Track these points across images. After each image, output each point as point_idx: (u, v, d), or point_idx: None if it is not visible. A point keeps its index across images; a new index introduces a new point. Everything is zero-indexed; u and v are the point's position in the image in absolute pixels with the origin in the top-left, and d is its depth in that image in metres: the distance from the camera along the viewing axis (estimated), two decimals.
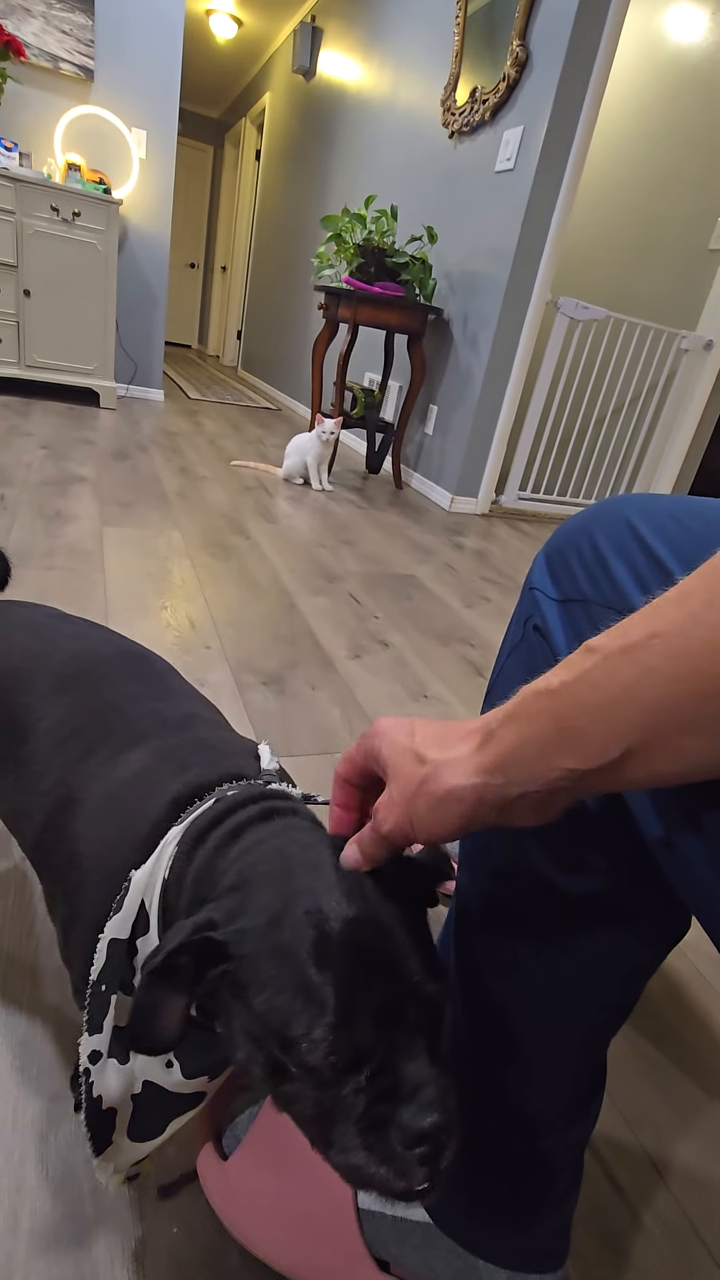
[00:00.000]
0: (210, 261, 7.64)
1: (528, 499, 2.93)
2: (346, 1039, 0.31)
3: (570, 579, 0.38)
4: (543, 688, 0.25)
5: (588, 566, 0.37)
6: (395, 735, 0.32)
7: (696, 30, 2.76)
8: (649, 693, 0.23)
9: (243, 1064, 0.34)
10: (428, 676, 1.34)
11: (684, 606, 0.23)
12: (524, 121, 2.29)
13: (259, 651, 1.30)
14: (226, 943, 0.33)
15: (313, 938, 0.32)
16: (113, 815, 0.46)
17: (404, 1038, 0.32)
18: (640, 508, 0.36)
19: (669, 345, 2.80)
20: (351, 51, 3.75)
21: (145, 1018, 0.35)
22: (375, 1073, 0.31)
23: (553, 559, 0.40)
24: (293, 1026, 0.31)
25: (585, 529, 0.38)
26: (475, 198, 2.58)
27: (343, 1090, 0.31)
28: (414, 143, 3.02)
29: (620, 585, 0.34)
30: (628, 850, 0.35)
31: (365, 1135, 0.31)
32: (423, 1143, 0.31)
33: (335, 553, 1.95)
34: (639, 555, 0.34)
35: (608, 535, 0.36)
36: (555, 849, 0.39)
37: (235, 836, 0.40)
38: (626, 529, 0.35)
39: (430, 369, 2.87)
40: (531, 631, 0.41)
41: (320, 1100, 0.32)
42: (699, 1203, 0.56)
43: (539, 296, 2.44)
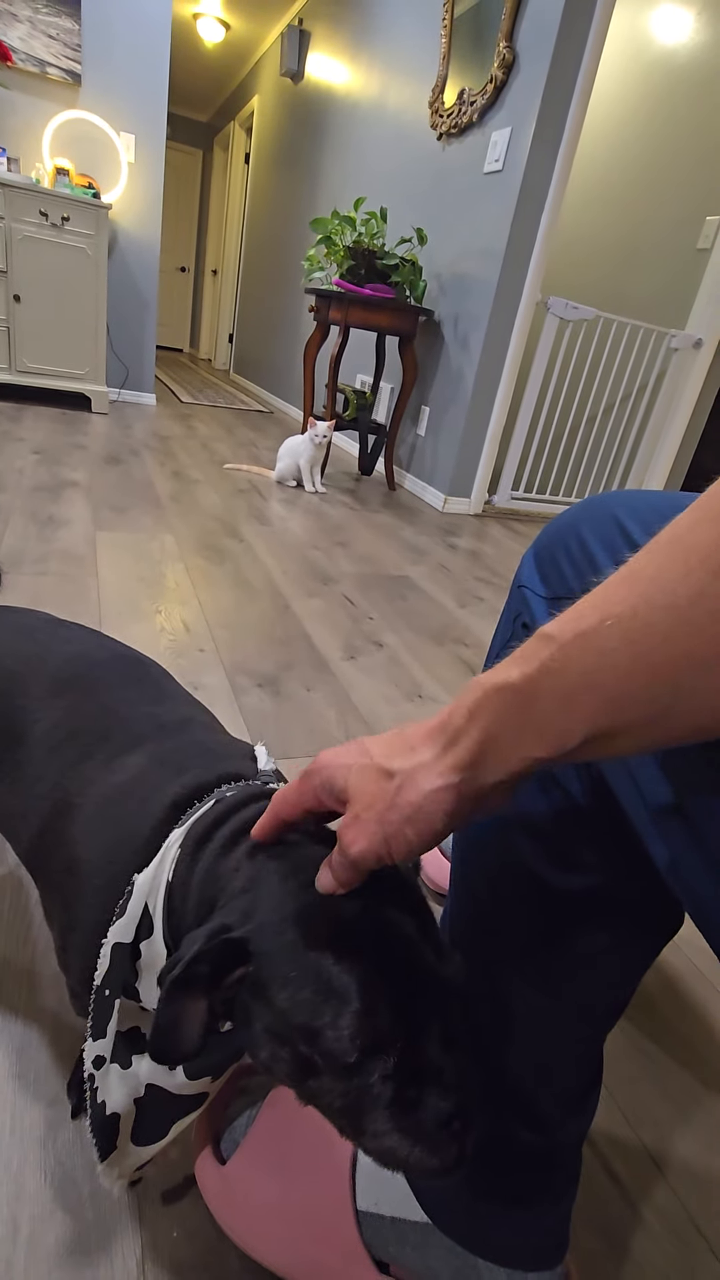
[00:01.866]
0: (201, 265, 7.64)
1: (520, 499, 2.94)
2: (372, 1027, 0.31)
3: (559, 576, 0.38)
4: (502, 681, 0.25)
5: (576, 564, 0.37)
6: (347, 759, 0.31)
7: (682, 32, 2.78)
8: (607, 678, 0.22)
9: (267, 1063, 0.35)
10: (422, 676, 1.34)
11: (634, 587, 0.22)
12: (512, 123, 2.30)
13: (254, 654, 1.30)
14: (246, 941, 0.33)
15: (329, 930, 0.33)
16: (111, 819, 0.46)
17: (423, 1022, 0.33)
18: (627, 504, 0.36)
19: (659, 344, 2.81)
20: (339, 54, 3.76)
21: (169, 1030, 0.35)
22: (400, 1058, 0.32)
23: (541, 557, 0.40)
24: (318, 1020, 0.31)
25: (573, 526, 0.38)
26: (464, 199, 2.58)
27: (370, 1079, 0.32)
28: (403, 144, 3.03)
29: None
30: (619, 844, 0.36)
31: (397, 1119, 0.32)
32: (451, 1122, 0.32)
33: (329, 554, 1.95)
34: (626, 552, 0.34)
35: (595, 532, 0.36)
36: (548, 846, 0.39)
37: (237, 838, 0.40)
38: (614, 526, 0.35)
39: (422, 370, 2.88)
40: (521, 629, 0.42)
41: (348, 1090, 0.32)
42: (698, 1196, 0.56)
43: (529, 297, 2.45)
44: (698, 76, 2.73)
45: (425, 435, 2.91)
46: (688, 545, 0.21)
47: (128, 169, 3.30)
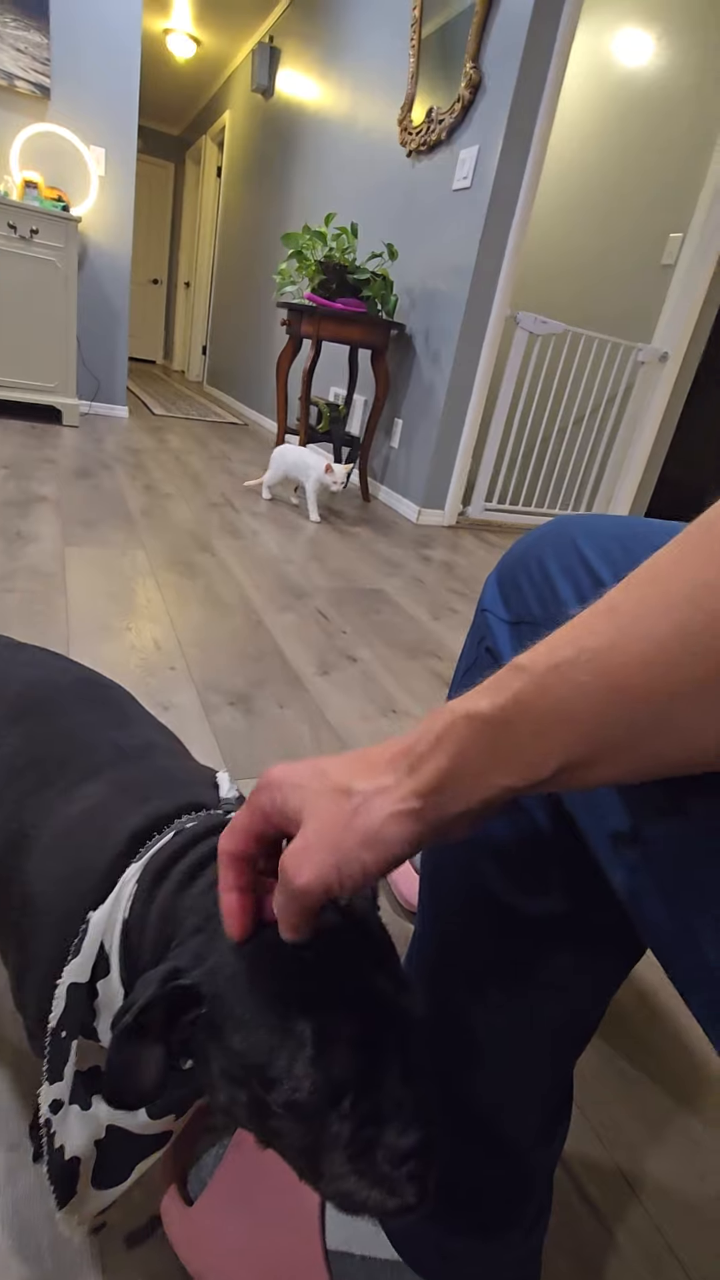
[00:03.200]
0: (174, 277, 7.63)
1: (494, 510, 2.96)
2: (327, 1068, 0.30)
3: (520, 600, 0.38)
4: (472, 710, 0.25)
5: (537, 588, 0.37)
6: (301, 779, 0.29)
7: (644, 55, 2.85)
8: (581, 710, 0.22)
9: (224, 1106, 0.34)
10: (396, 691, 1.34)
11: (612, 620, 0.22)
12: (479, 141, 2.34)
13: (226, 671, 1.28)
14: (198, 985, 0.32)
15: (284, 967, 0.32)
16: (67, 853, 0.45)
17: (382, 1056, 0.32)
18: (587, 529, 0.36)
19: (626, 358, 2.86)
20: (309, 71, 3.80)
21: (121, 1077, 0.34)
22: (358, 1097, 0.31)
23: (504, 580, 0.40)
24: (272, 1063, 0.31)
25: (534, 550, 0.38)
26: (434, 215, 2.62)
27: (328, 1119, 0.31)
28: (373, 161, 3.07)
29: (566, 607, 0.34)
30: (584, 868, 0.36)
31: (354, 1162, 0.31)
32: (410, 1160, 0.31)
33: (303, 568, 1.94)
34: (584, 578, 0.34)
35: (555, 557, 0.36)
36: (512, 870, 0.39)
37: (196, 872, 0.39)
38: (573, 551, 0.35)
39: (394, 383, 2.90)
40: (485, 653, 0.41)
41: (306, 1132, 0.31)
42: (672, 1218, 0.56)
43: (499, 311, 2.48)
44: (659, 98, 2.80)
45: (399, 447, 2.92)
46: (667, 580, 0.21)
47: (98, 182, 3.29)
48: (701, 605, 0.20)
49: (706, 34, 2.61)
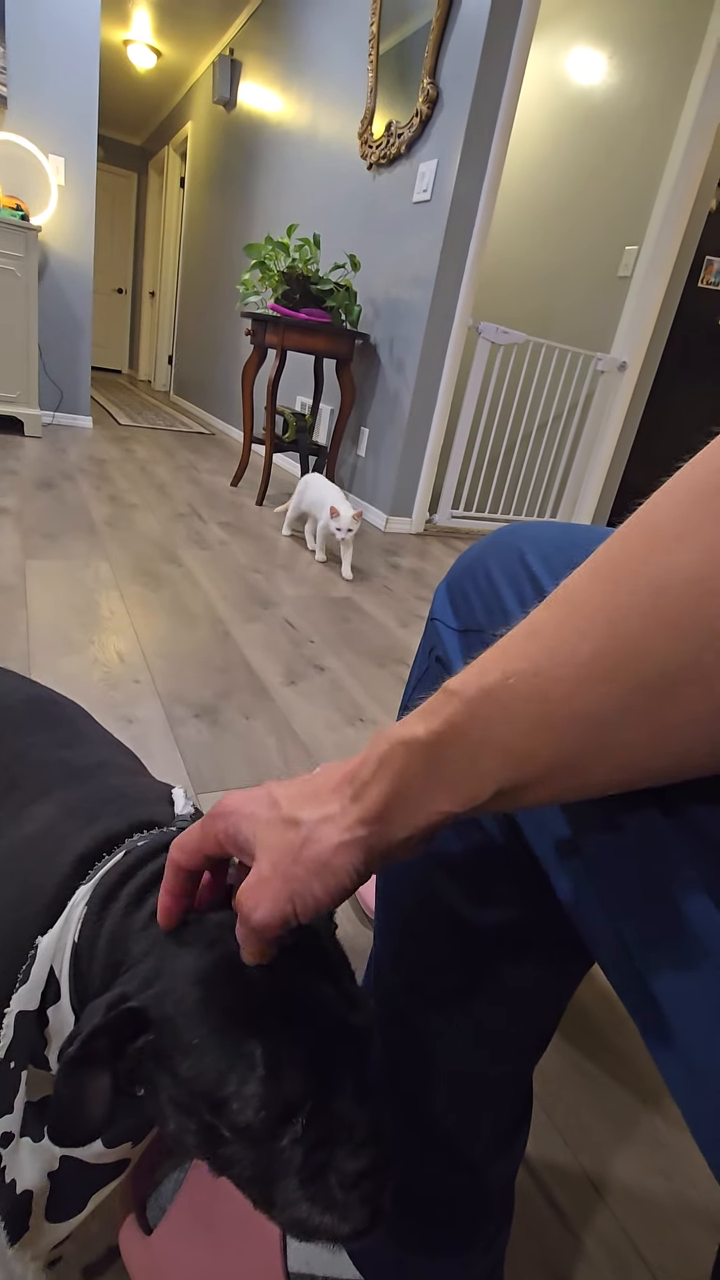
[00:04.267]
0: (138, 287, 7.59)
1: (461, 517, 2.99)
2: (278, 1093, 0.30)
3: (468, 609, 0.38)
4: (409, 736, 0.25)
5: (483, 597, 0.37)
6: (254, 809, 0.29)
7: (596, 74, 2.93)
8: (510, 735, 0.22)
9: (174, 1135, 0.33)
10: (364, 699, 1.34)
11: (536, 643, 0.22)
12: (438, 155, 2.37)
13: (192, 683, 1.27)
14: (145, 1011, 0.32)
15: (233, 990, 0.31)
16: (15, 876, 0.44)
17: (334, 1076, 0.32)
18: (531, 537, 0.37)
19: (586, 367, 2.92)
20: (271, 84, 3.82)
21: (68, 1110, 0.33)
22: (309, 1119, 0.31)
23: (453, 589, 0.40)
24: (222, 1088, 0.30)
25: (481, 559, 0.38)
26: (395, 227, 2.64)
27: (279, 1144, 0.30)
28: (335, 173, 3.09)
29: (510, 615, 0.34)
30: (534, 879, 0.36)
31: (306, 1187, 0.30)
32: (362, 1182, 0.31)
33: (270, 578, 1.94)
34: (527, 585, 0.34)
35: (500, 565, 0.37)
36: (465, 883, 0.39)
37: (146, 892, 0.39)
38: (517, 559, 0.36)
39: (360, 392, 2.92)
40: (435, 662, 0.42)
41: (258, 1159, 0.31)
42: (638, 1219, 0.56)
43: (461, 321, 2.51)
44: (611, 115, 2.87)
45: (365, 456, 2.93)
46: (582, 604, 0.21)
47: (58, 191, 3.26)
48: (616, 631, 0.20)
49: (655, 54, 2.69)
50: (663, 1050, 0.25)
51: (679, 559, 0.19)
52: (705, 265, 2.94)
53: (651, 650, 0.19)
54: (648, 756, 0.21)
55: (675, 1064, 0.25)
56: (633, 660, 0.19)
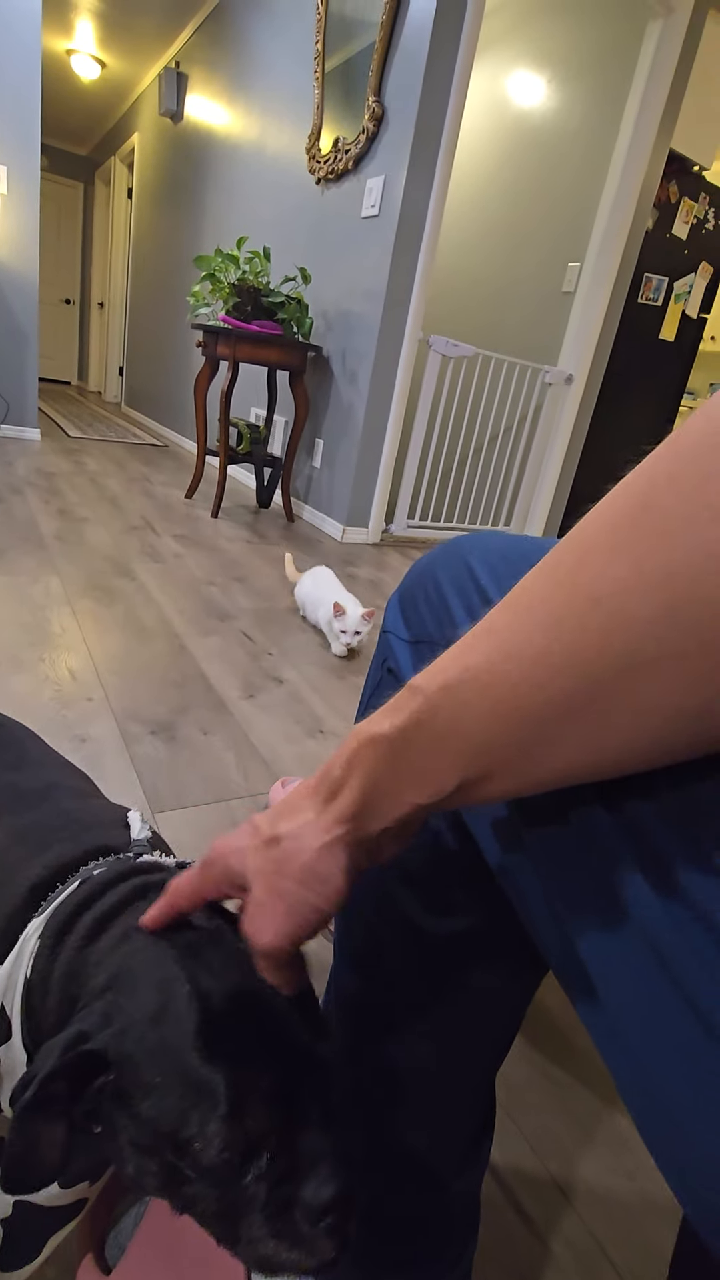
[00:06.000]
0: (87, 297, 7.48)
1: (417, 526, 3.02)
2: (242, 1130, 0.29)
3: (419, 620, 0.39)
4: (376, 732, 0.25)
5: (433, 608, 0.38)
6: (240, 842, 0.30)
7: (536, 96, 3.02)
8: (469, 728, 0.23)
9: (135, 1176, 0.32)
10: (323, 711, 1.33)
11: (489, 640, 0.23)
12: (385, 171, 2.41)
13: (147, 699, 1.25)
14: (104, 1051, 0.31)
15: (195, 1025, 0.30)
16: None
17: (299, 1109, 0.31)
18: (478, 549, 0.37)
19: (534, 379, 2.99)
20: (218, 97, 3.82)
21: (21, 1158, 0.31)
22: (274, 1154, 0.30)
23: (404, 601, 0.41)
24: (185, 1127, 0.29)
25: (430, 571, 0.39)
26: (345, 241, 2.67)
27: (244, 1181, 0.30)
28: (284, 187, 3.11)
29: (459, 626, 0.35)
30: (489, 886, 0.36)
31: (272, 1223, 0.30)
32: (328, 1215, 0.30)
33: (226, 590, 1.92)
34: (474, 596, 0.35)
35: (449, 576, 0.37)
36: (422, 892, 0.39)
37: (105, 924, 0.37)
38: (465, 570, 0.36)
39: (313, 404, 2.92)
40: (387, 674, 0.42)
41: (222, 1196, 0.30)
42: (604, 1220, 0.57)
43: (411, 335, 2.54)
44: (552, 137, 2.97)
45: (321, 467, 2.94)
46: (532, 606, 0.22)
47: (0, 201, 3.19)
48: (561, 634, 0.21)
49: (591, 81, 2.80)
50: (588, 1010, 0.27)
51: (611, 571, 0.20)
52: (644, 282, 3.05)
53: (590, 650, 0.20)
54: (595, 749, 0.22)
55: (600, 1023, 0.26)
56: (574, 659, 0.20)
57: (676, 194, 2.98)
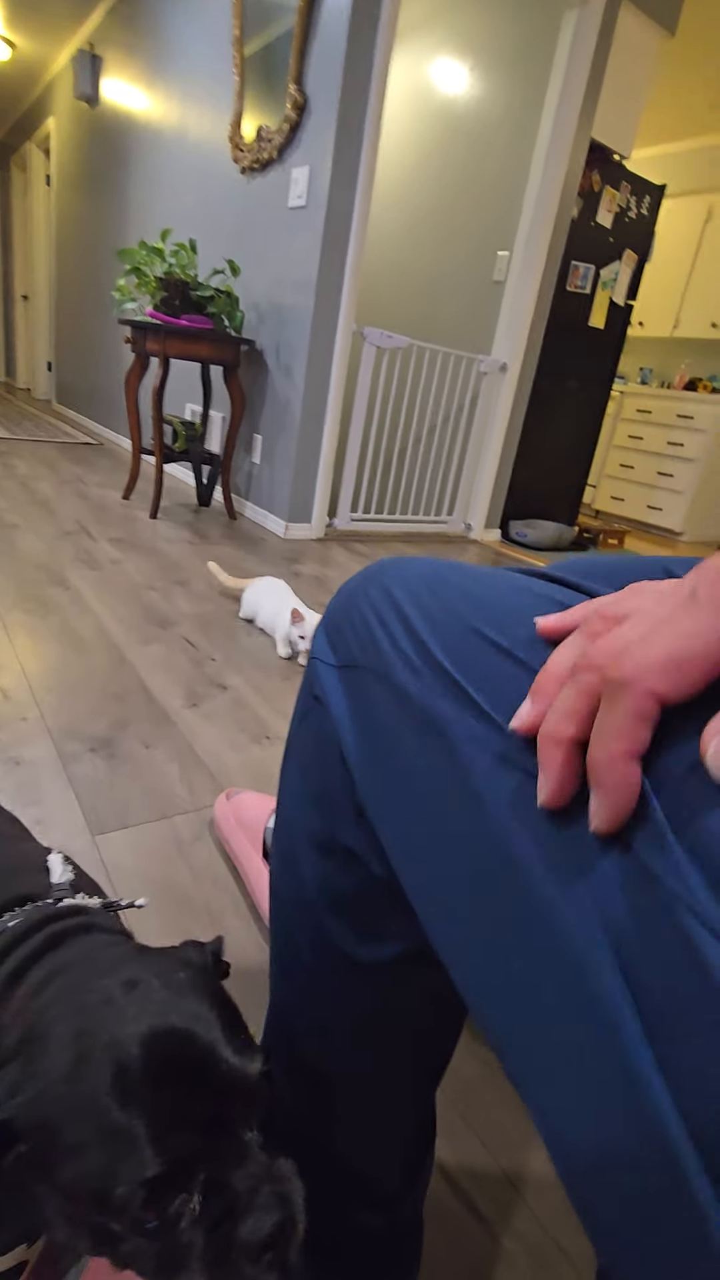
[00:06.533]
0: (9, 289, 7.17)
1: (360, 520, 3.01)
2: (168, 1177, 0.28)
3: (345, 645, 0.38)
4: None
5: (357, 632, 0.37)
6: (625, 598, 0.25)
7: (459, 84, 3.02)
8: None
9: (66, 1242, 0.31)
10: (269, 715, 1.32)
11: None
12: (310, 161, 2.37)
13: (85, 715, 1.21)
14: (13, 1121, 0.29)
15: (110, 1078, 0.29)
16: None
17: (230, 1141, 0.30)
18: (400, 575, 0.37)
19: (469, 369, 3.01)
20: (135, 81, 3.70)
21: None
22: (206, 1196, 0.29)
23: (330, 628, 0.40)
24: (108, 1186, 0.28)
25: (354, 596, 0.39)
26: (273, 233, 2.62)
27: (178, 1230, 0.29)
28: (208, 177, 3.03)
29: (382, 651, 0.35)
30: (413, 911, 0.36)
31: (211, 1271, 0.29)
32: (268, 1249, 0.29)
33: (167, 595, 1.88)
34: (396, 623, 0.35)
35: (370, 604, 0.37)
36: (353, 921, 0.39)
37: (18, 978, 0.36)
38: (386, 596, 0.36)
39: (250, 399, 2.88)
40: (314, 701, 0.41)
41: (160, 1250, 0.29)
42: (554, 1212, 0.58)
43: (345, 327, 2.52)
44: (477, 125, 2.98)
45: (260, 463, 2.90)
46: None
47: None
48: None
49: (511, 69, 2.81)
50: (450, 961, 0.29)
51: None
52: (572, 270, 3.10)
53: None
54: None
55: (459, 975, 0.29)
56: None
57: (599, 183, 3.03)
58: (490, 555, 3.08)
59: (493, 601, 0.32)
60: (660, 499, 4.58)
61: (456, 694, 0.29)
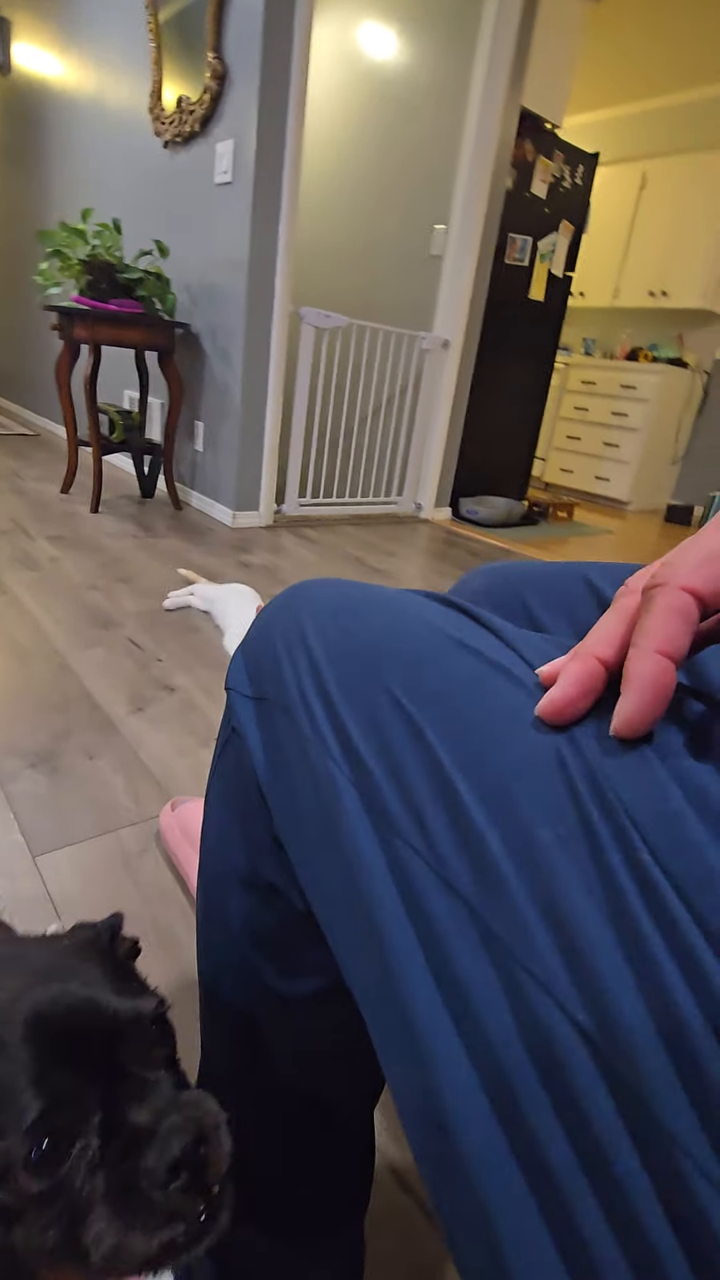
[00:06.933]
0: None
1: (309, 504, 2.98)
2: (56, 1127, 0.26)
3: (259, 676, 0.37)
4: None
5: (269, 666, 0.37)
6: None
7: (387, 50, 2.94)
8: None
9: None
10: (218, 717, 1.30)
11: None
12: (234, 134, 2.29)
13: (25, 728, 1.17)
14: None
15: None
16: None
17: (127, 1082, 0.28)
18: (311, 606, 0.36)
19: (411, 347, 2.98)
20: (48, 47, 3.50)
21: None
22: (104, 1137, 0.27)
23: (248, 655, 0.39)
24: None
25: (268, 628, 0.38)
26: (200, 210, 2.53)
27: (77, 1181, 0.26)
28: (129, 151, 2.90)
29: (287, 689, 0.34)
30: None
31: (119, 1209, 0.26)
32: (181, 1170, 0.26)
33: (110, 594, 1.83)
34: (302, 659, 0.34)
35: (282, 635, 0.36)
36: (277, 956, 0.39)
37: None
38: (297, 630, 0.35)
39: (188, 384, 2.80)
40: (232, 734, 0.40)
41: (61, 1211, 0.26)
42: None
43: (281, 307, 2.46)
44: (405, 93, 2.91)
45: (204, 450, 2.83)
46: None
47: None
48: None
49: (438, 34, 2.74)
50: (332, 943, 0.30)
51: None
52: (509, 242, 3.08)
53: None
54: None
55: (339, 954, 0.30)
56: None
57: (533, 152, 3.00)
58: (441, 534, 3.08)
59: (405, 652, 0.31)
60: (607, 469, 4.65)
61: (353, 764, 0.28)
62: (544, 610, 0.46)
